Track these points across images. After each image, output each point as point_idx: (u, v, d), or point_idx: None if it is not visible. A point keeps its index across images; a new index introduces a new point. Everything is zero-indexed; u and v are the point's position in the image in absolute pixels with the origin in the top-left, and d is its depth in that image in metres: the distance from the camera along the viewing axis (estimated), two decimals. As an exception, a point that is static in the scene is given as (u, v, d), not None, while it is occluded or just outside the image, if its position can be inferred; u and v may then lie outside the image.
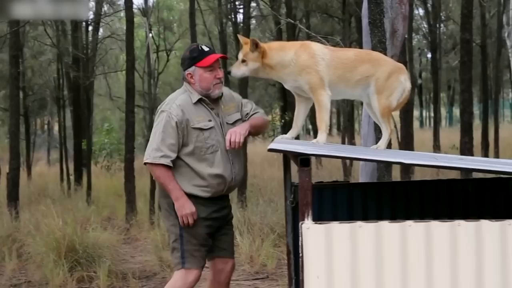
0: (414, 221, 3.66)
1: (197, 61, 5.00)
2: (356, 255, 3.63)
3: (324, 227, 3.64)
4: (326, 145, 4.76)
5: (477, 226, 3.61)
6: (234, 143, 4.92)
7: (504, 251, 3.58)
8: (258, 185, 13.40)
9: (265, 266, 8.36)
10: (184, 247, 4.99)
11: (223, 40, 18.15)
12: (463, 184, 6.11)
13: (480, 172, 4.17)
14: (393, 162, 4.19)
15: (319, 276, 3.61)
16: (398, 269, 3.62)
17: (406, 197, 5.84)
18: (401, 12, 7.68)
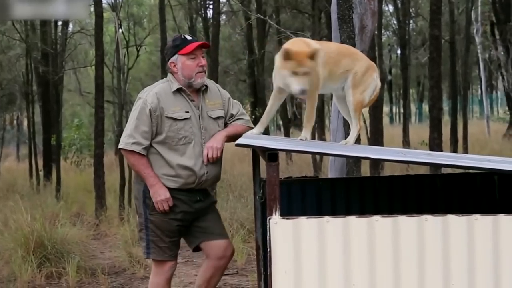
0: (382, 216, 3.67)
1: (179, 49, 5.00)
2: (324, 250, 3.64)
3: (292, 222, 3.65)
4: (294, 140, 4.77)
5: (444, 220, 3.64)
6: (211, 159, 4.95)
7: (471, 245, 3.61)
8: (228, 180, 13.38)
9: (235, 262, 8.35)
10: (149, 237, 4.99)
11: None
12: (431, 179, 6.16)
13: (447, 168, 4.19)
14: (361, 157, 4.21)
15: (287, 271, 3.61)
16: (366, 264, 3.63)
17: (374, 192, 5.87)
18: (370, 8, 7.71)
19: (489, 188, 5.97)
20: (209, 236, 5.09)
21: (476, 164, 4.02)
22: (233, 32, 23.74)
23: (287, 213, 4.91)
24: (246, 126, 5.22)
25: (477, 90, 42.27)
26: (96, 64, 12.50)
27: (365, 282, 3.62)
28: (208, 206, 5.18)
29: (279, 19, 17.56)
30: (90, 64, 22.35)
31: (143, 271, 7.96)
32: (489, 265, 3.60)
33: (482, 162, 4.19)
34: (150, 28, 23.36)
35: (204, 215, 5.11)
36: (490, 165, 4.09)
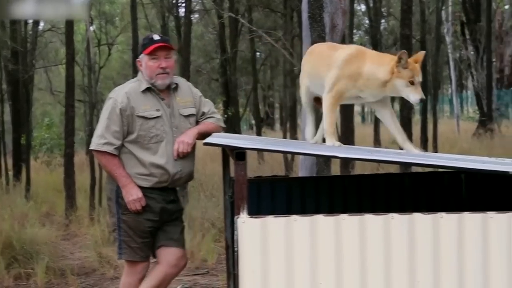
0: (349, 214, 3.69)
1: (144, 49, 5.03)
2: (291, 248, 3.64)
3: (260, 221, 3.65)
4: (264, 140, 4.78)
5: (410, 219, 3.66)
6: (181, 153, 4.94)
7: (436, 243, 3.64)
8: (200, 180, 13.34)
9: (206, 262, 8.35)
10: (122, 237, 4.98)
11: (166, 34, 18.02)
12: (400, 178, 6.20)
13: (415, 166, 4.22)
14: (328, 156, 4.23)
15: (254, 270, 3.62)
16: (333, 262, 3.65)
17: (344, 191, 5.90)
18: (341, 7, 7.74)
19: (456, 186, 6.03)
20: (169, 242, 5.07)
21: (443, 163, 4.06)
22: (206, 31, 23.69)
23: (257, 212, 4.93)
24: (217, 125, 5.23)
25: (447, 90, 42.58)
26: (67, 62, 12.41)
27: (332, 281, 3.64)
28: (177, 211, 5.18)
29: (251, 17, 17.56)
30: (61, 62, 22.19)
31: (113, 271, 7.93)
32: (454, 263, 3.64)
33: (449, 161, 4.22)
34: (122, 27, 23.26)
35: (171, 220, 5.11)
36: (456, 163, 4.12)
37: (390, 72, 4.36)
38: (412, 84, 4.33)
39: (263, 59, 23.84)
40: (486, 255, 3.64)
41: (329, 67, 4.62)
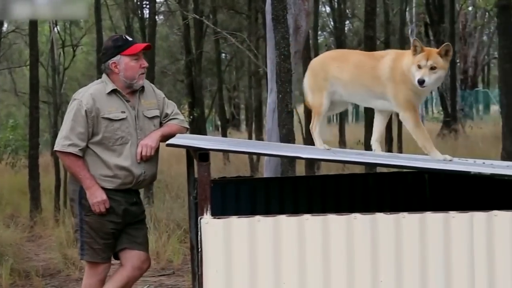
0: (312, 214, 3.71)
1: (122, 50, 4.97)
2: (255, 249, 3.66)
3: (223, 221, 3.66)
4: (228, 141, 4.79)
5: (372, 219, 3.69)
6: (145, 156, 4.92)
7: (398, 243, 3.68)
8: (166, 181, 13.33)
9: (171, 262, 8.34)
10: (84, 239, 4.96)
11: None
12: (364, 178, 6.26)
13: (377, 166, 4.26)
14: (292, 156, 4.25)
15: (218, 271, 3.63)
16: (296, 262, 3.67)
17: (308, 192, 5.93)
18: (304, 8, 7.79)
19: (420, 186, 6.10)
20: (133, 245, 5.05)
21: (405, 163, 4.10)
22: (171, 32, 23.62)
23: (221, 213, 4.94)
24: (181, 126, 5.22)
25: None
26: (31, 64, 12.31)
27: (295, 281, 3.66)
28: (141, 213, 5.18)
29: (216, 19, 17.55)
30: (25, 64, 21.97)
31: (78, 272, 7.88)
32: (416, 262, 3.68)
33: (411, 161, 4.27)
34: (86, 28, 23.09)
35: (135, 223, 5.09)
36: (418, 164, 4.17)
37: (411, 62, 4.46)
38: (420, 68, 4.40)
39: (228, 60, 23.84)
40: (448, 254, 3.68)
41: (379, 80, 4.65)
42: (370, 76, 4.68)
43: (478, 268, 3.66)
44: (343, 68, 4.84)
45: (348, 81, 4.81)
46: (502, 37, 9.74)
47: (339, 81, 4.84)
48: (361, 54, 5.14)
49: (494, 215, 3.65)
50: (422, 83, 4.37)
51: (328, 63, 4.93)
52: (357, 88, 4.79)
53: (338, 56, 5.04)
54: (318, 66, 4.99)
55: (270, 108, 7.89)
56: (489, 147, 14.40)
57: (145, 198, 11.42)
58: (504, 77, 9.85)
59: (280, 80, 7.25)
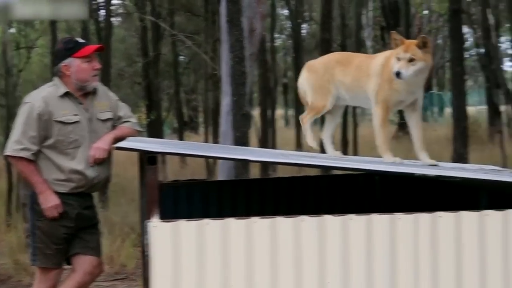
0: (260, 217, 3.72)
1: (74, 52, 4.92)
2: (203, 252, 3.65)
3: (171, 225, 3.65)
4: (179, 144, 4.78)
5: (320, 221, 3.71)
6: (97, 160, 4.89)
7: (346, 245, 3.70)
8: (121, 184, 13.22)
9: (125, 267, 8.28)
10: (36, 244, 4.90)
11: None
12: (316, 181, 6.29)
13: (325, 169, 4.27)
14: (239, 159, 4.25)
15: (165, 275, 3.61)
16: (243, 266, 3.67)
17: (261, 194, 5.95)
18: (259, 11, 7.81)
19: (371, 188, 6.15)
20: (85, 250, 5.01)
21: (352, 165, 4.13)
22: (128, 34, 23.48)
23: (173, 216, 4.92)
24: (134, 129, 5.20)
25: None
26: (-16, 66, 12.14)
27: (243, 284, 3.66)
28: (94, 217, 5.14)
29: (173, 21, 17.47)
30: (-21, 66, 21.64)
31: (29, 278, 7.76)
32: (362, 263, 3.70)
33: (359, 164, 4.30)
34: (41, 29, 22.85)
35: (88, 227, 5.05)
36: (366, 166, 4.21)
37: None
38: (399, 61, 4.40)
39: (186, 62, 23.78)
40: (394, 255, 3.72)
41: (370, 77, 4.64)
42: (366, 75, 4.69)
43: (423, 268, 3.70)
44: (346, 71, 4.83)
45: (350, 84, 4.80)
46: (453, 41, 9.89)
47: (343, 85, 4.83)
48: (362, 56, 5.13)
49: (439, 216, 3.70)
50: (398, 75, 4.37)
51: (333, 66, 4.90)
52: (359, 90, 4.78)
53: (342, 59, 4.99)
54: (323, 68, 4.94)
55: (225, 111, 7.88)
56: (443, 149, 14.54)
57: (99, 202, 11.32)
58: (455, 80, 10.00)
59: (234, 83, 7.27)
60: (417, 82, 4.55)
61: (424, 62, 4.45)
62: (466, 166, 5.44)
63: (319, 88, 4.90)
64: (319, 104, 4.89)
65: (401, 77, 4.37)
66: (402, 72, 4.36)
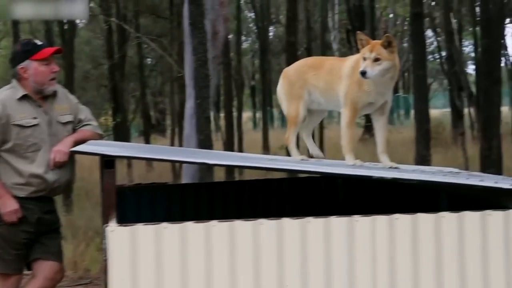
0: (219, 220, 3.72)
1: (31, 54, 4.87)
2: (161, 256, 3.64)
3: (128, 229, 3.64)
4: (139, 147, 4.77)
5: (278, 224, 3.72)
6: (58, 163, 4.84)
7: (304, 247, 3.72)
8: (86, 188, 13.14)
9: (89, 271, 8.22)
10: None
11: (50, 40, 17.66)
12: (279, 184, 6.32)
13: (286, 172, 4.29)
14: (198, 162, 4.25)
15: (123, 279, 3.60)
16: (202, 269, 3.67)
17: (223, 197, 5.96)
18: (222, 14, 7.83)
19: (334, 191, 6.19)
20: (46, 255, 4.95)
21: (311, 168, 4.15)
22: (94, 36, 23.36)
23: (136, 220, 4.90)
24: (95, 132, 5.16)
25: (337, 96, 43.36)
26: None
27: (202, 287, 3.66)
28: (56, 222, 5.09)
29: (138, 23, 17.41)
30: None
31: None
32: (321, 266, 3.72)
33: (319, 167, 4.32)
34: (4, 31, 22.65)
35: (49, 232, 5.00)
36: (325, 169, 4.23)
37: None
38: (364, 60, 4.45)
39: (153, 65, 23.71)
40: (352, 257, 3.74)
41: (341, 79, 4.66)
42: (337, 78, 4.71)
43: (380, 270, 3.73)
44: (319, 75, 4.84)
45: (323, 87, 4.81)
46: (415, 44, 9.98)
47: (317, 89, 4.83)
48: (334, 59, 5.15)
49: (395, 218, 3.73)
50: (364, 74, 4.40)
51: (306, 71, 4.90)
52: (331, 93, 4.79)
53: (315, 63, 4.99)
54: (295, 75, 4.94)
55: (189, 114, 7.89)
56: (408, 152, 14.65)
57: (63, 206, 11.24)
58: (418, 83, 10.08)
59: (198, 86, 7.27)
60: (385, 83, 4.59)
61: (390, 62, 4.47)
62: (426, 169, 5.49)
63: (291, 96, 4.91)
64: (293, 114, 4.90)
65: (367, 76, 4.40)
66: (367, 71, 4.39)
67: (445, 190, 4.89)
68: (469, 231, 3.80)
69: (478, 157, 11.28)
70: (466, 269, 3.79)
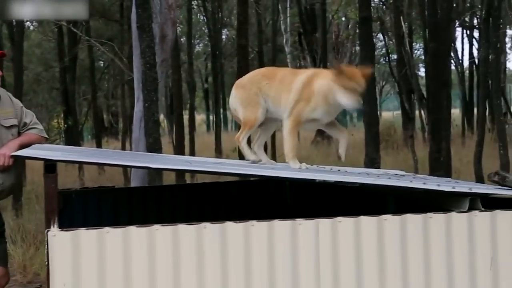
0: (162, 224, 3.70)
1: None
2: (104, 261, 3.61)
3: (71, 234, 3.60)
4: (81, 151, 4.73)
5: (222, 227, 3.72)
6: (1, 166, 4.78)
7: (247, 251, 3.72)
8: (36, 191, 12.99)
9: (39, 275, 8.14)
10: None
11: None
12: (227, 187, 6.33)
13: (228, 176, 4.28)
14: (140, 166, 4.23)
15: (65, 284, 3.56)
16: (146, 274, 3.64)
17: (172, 201, 5.94)
18: (170, 17, 7.80)
19: (282, 194, 6.22)
20: None
21: (257, 172, 4.16)
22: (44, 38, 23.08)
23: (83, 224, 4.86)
24: (40, 136, 5.12)
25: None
26: None
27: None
28: (2, 230, 5.03)
29: (89, 26, 17.27)
30: None
31: None
32: (265, 269, 3.73)
33: (263, 170, 4.34)
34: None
35: None
36: (270, 172, 4.24)
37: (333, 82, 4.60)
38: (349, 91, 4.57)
39: (104, 67, 23.53)
40: (295, 260, 3.75)
41: (290, 92, 4.77)
42: (287, 90, 4.82)
43: (323, 273, 3.75)
44: (271, 84, 4.94)
45: (274, 97, 4.90)
46: (364, 48, 10.05)
47: (269, 98, 4.93)
48: (286, 71, 5.22)
49: (338, 221, 3.75)
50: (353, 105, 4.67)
51: (259, 80, 5.00)
52: (280, 103, 4.89)
53: (268, 73, 5.10)
54: (249, 83, 5.03)
55: (137, 117, 7.85)
56: (359, 154, 14.79)
57: (13, 209, 11.11)
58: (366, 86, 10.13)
59: (146, 89, 7.24)
60: (338, 107, 4.74)
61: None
62: (372, 171, 5.55)
63: (248, 102, 4.98)
64: (251, 118, 4.96)
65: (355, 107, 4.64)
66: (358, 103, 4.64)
67: (392, 193, 4.95)
68: (411, 233, 3.84)
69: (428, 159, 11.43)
70: (408, 270, 3.83)
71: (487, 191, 3.97)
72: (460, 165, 14.07)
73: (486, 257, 3.86)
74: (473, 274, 3.86)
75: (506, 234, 3.85)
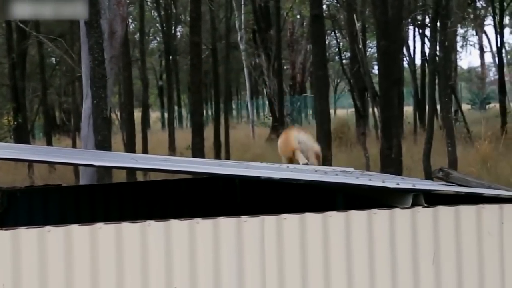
0: (105, 223, 3.65)
1: None
2: (45, 260, 3.54)
3: (10, 233, 3.52)
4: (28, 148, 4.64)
5: (166, 225, 3.68)
6: None
7: (192, 248, 3.69)
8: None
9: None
10: None
11: None
12: (176, 185, 6.28)
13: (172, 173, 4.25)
14: (83, 164, 4.17)
15: (4, 284, 3.49)
16: (88, 272, 3.59)
17: (119, 198, 5.88)
18: (120, 13, 7.72)
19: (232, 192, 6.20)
20: None
21: (200, 169, 4.13)
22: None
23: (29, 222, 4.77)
24: None
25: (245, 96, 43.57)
26: None
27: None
28: None
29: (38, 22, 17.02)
30: None
31: None
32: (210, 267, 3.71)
33: (208, 167, 4.31)
34: None
35: None
36: (214, 169, 4.22)
37: None
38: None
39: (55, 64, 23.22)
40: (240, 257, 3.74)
41: None
42: None
43: (269, 269, 3.74)
44: None
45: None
46: (315, 45, 10.08)
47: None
48: None
49: (283, 218, 3.74)
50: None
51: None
52: None
53: None
54: None
55: (86, 114, 7.76)
56: (311, 151, 14.81)
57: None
58: (318, 83, 10.19)
59: (94, 86, 7.16)
60: None
61: None
62: (320, 168, 5.56)
63: None
64: None
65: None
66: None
67: (339, 190, 4.96)
68: (356, 229, 3.85)
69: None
70: (353, 265, 3.85)
71: (430, 188, 4.00)
72: (412, 162, 14.16)
73: (429, 252, 3.89)
74: (416, 269, 3.89)
75: (448, 230, 3.89)
